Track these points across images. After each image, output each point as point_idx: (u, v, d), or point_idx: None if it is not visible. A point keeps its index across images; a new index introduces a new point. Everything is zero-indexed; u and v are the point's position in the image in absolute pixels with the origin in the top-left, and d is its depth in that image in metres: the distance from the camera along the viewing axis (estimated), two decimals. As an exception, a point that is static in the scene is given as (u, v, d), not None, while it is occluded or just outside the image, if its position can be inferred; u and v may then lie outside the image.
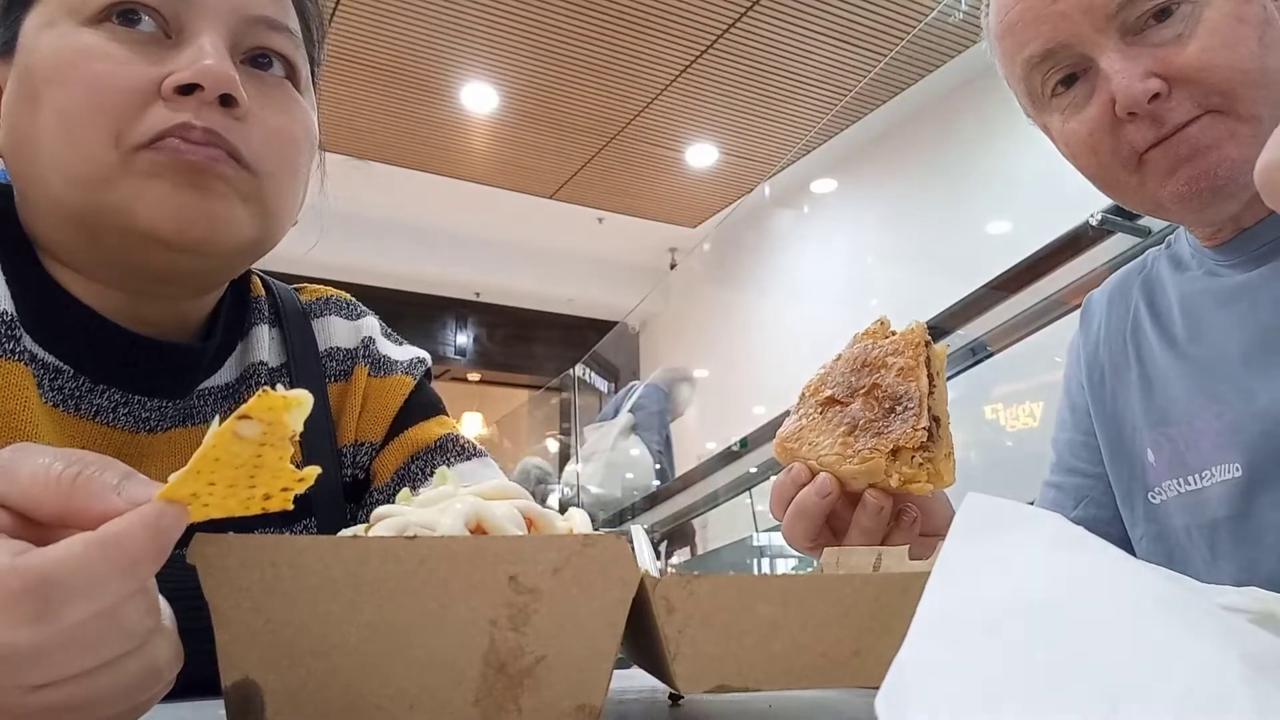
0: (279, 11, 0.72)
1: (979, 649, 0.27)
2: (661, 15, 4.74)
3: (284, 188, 0.73)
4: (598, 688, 0.40)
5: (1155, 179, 0.84)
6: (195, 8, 0.67)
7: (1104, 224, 2.26)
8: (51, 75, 0.65)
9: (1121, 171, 0.86)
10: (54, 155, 0.65)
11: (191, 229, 0.66)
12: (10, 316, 0.66)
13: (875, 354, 0.74)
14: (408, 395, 0.88)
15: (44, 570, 0.32)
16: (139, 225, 0.65)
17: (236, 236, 0.69)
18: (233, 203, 0.68)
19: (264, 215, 0.71)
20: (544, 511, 0.47)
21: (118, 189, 0.65)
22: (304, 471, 0.36)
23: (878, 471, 0.70)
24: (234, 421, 0.34)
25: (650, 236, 7.57)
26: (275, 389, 0.34)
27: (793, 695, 0.54)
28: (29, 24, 0.68)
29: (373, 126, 5.83)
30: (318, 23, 0.80)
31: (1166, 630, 0.27)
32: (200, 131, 0.65)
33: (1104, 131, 0.84)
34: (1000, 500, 0.35)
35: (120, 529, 0.33)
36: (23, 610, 0.32)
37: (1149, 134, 0.81)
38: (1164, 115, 0.80)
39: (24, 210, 0.71)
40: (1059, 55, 0.84)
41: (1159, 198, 0.85)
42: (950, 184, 5.15)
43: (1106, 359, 1.01)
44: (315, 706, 0.38)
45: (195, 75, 0.64)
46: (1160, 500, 0.92)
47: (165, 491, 0.34)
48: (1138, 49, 0.81)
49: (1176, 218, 0.91)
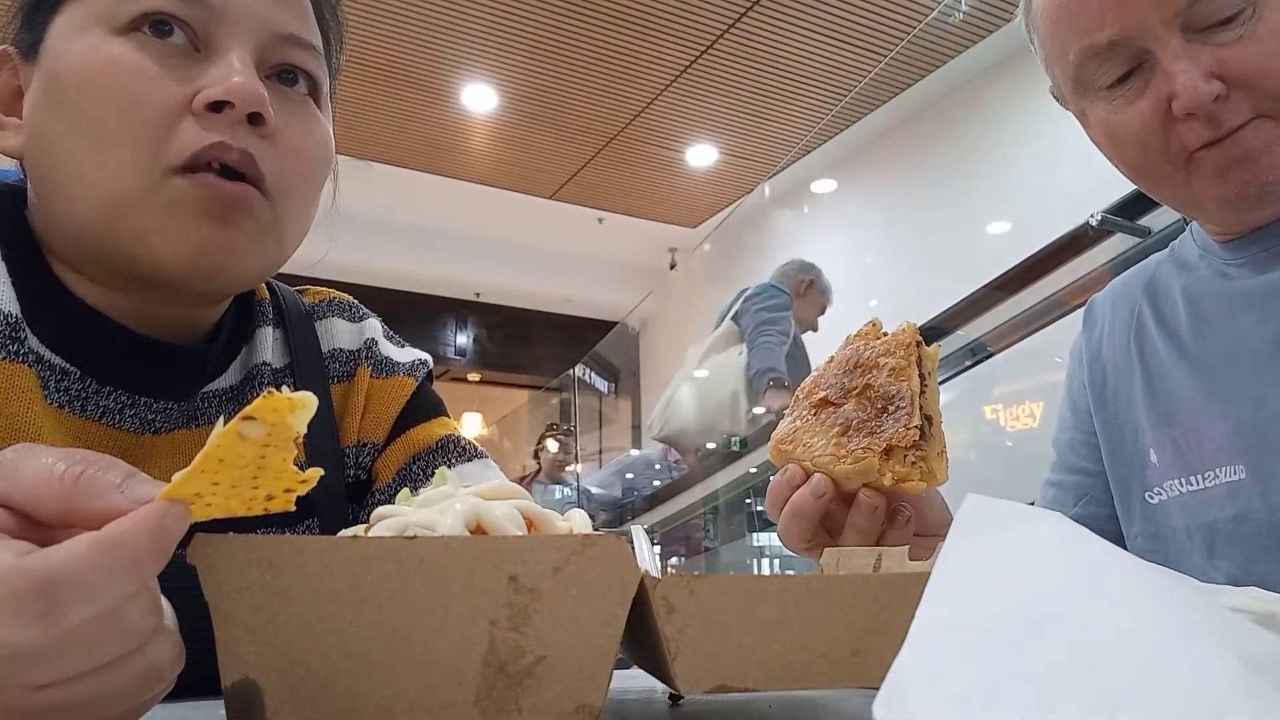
0: (305, 29, 0.73)
1: (979, 650, 0.27)
2: (661, 15, 4.74)
3: (300, 211, 0.73)
4: (598, 688, 0.40)
5: (1202, 179, 0.83)
6: (225, 22, 0.67)
7: (1104, 224, 2.27)
8: (82, 85, 0.65)
9: (1168, 168, 0.85)
10: (82, 171, 0.65)
11: (206, 261, 0.66)
12: (15, 317, 0.66)
13: (867, 355, 0.75)
14: (409, 397, 0.88)
15: (49, 570, 0.32)
16: (154, 255, 0.65)
17: (251, 269, 0.70)
18: (252, 236, 0.68)
19: (279, 242, 0.72)
20: (544, 512, 0.47)
21: (140, 214, 0.65)
22: (307, 473, 0.36)
23: (871, 471, 0.70)
24: (238, 423, 0.34)
25: (650, 236, 7.57)
26: (280, 390, 0.34)
27: (793, 695, 0.54)
28: (57, 28, 0.67)
29: (373, 126, 5.84)
30: (337, 34, 0.80)
31: (1166, 631, 0.27)
32: (237, 154, 0.65)
33: (1156, 128, 0.83)
34: (999, 501, 0.35)
35: (124, 529, 0.33)
36: (28, 610, 0.32)
37: (1203, 134, 0.81)
38: (1220, 117, 0.80)
39: (38, 214, 0.71)
40: (1121, 47, 0.83)
41: (1202, 198, 0.85)
42: (950, 184, 5.16)
43: (1109, 360, 1.02)
44: (315, 706, 0.38)
45: (226, 93, 0.64)
46: (1159, 500, 0.92)
47: (168, 491, 0.34)
48: (1198, 47, 0.80)
49: (1210, 217, 0.91)
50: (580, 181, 6.71)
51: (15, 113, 0.71)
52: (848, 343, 0.78)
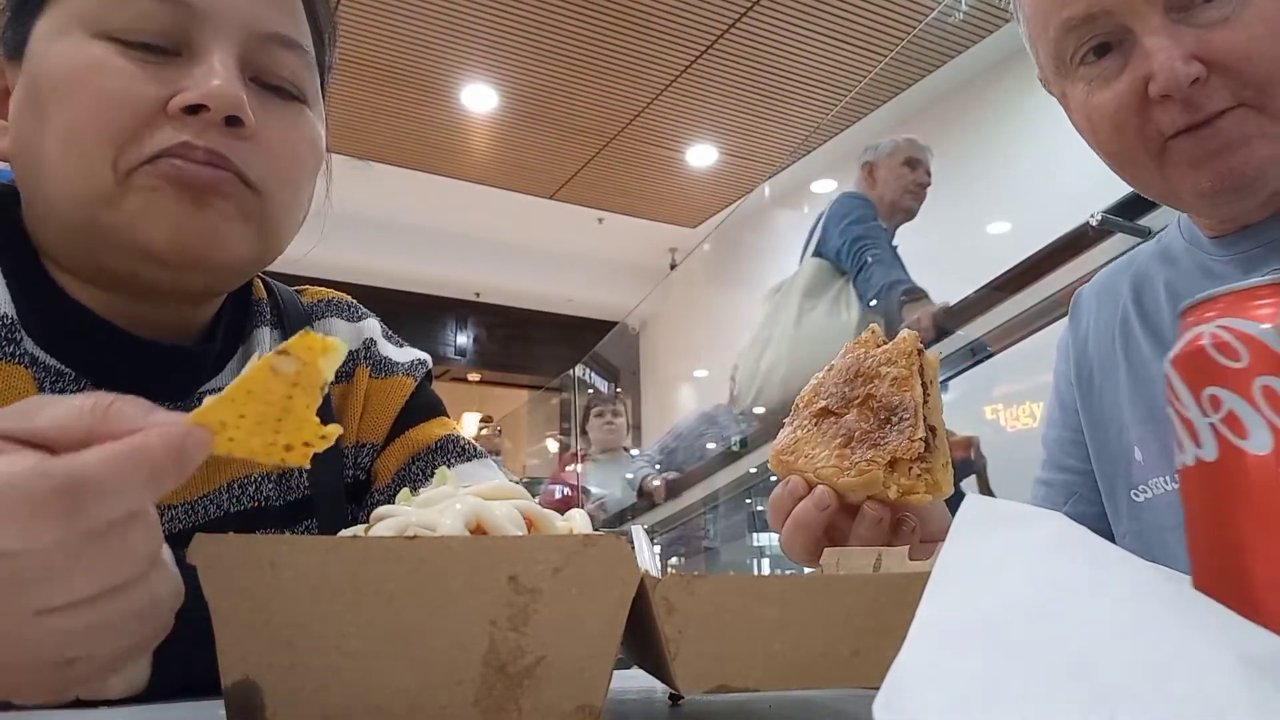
0: (291, 27, 0.72)
1: (978, 651, 0.27)
2: (661, 15, 4.74)
3: (287, 206, 0.73)
4: (598, 688, 0.40)
5: (1178, 169, 0.81)
6: (207, 23, 0.67)
7: (1104, 224, 2.26)
8: (59, 87, 0.65)
9: (1143, 155, 0.82)
10: (56, 170, 0.65)
11: (189, 245, 0.66)
12: (11, 319, 0.66)
13: (868, 364, 0.74)
14: (409, 396, 0.88)
15: (71, 470, 0.34)
16: (137, 241, 0.65)
17: (234, 253, 0.69)
18: (232, 220, 0.68)
19: (264, 233, 0.71)
20: (544, 512, 0.47)
21: (118, 207, 0.64)
22: (327, 429, 0.38)
23: (876, 483, 0.69)
24: (272, 356, 0.36)
25: (650, 236, 7.57)
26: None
27: (793, 695, 0.54)
28: (40, 29, 0.67)
29: (373, 126, 5.84)
30: (330, 29, 0.80)
31: (1166, 631, 0.27)
32: (201, 151, 0.65)
33: (1131, 110, 0.81)
34: (1000, 501, 0.35)
35: (145, 439, 0.35)
36: (51, 509, 0.33)
37: (1179, 119, 0.78)
38: (1199, 101, 0.77)
39: (29, 216, 0.71)
40: (1099, 22, 0.80)
41: (1178, 189, 0.82)
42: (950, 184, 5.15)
43: (1095, 356, 1.01)
44: (315, 706, 0.38)
45: (202, 97, 0.64)
46: (1145, 498, 0.91)
47: (195, 416, 0.36)
48: (1180, 27, 0.77)
49: (1190, 208, 0.88)
50: (580, 181, 6.71)
51: (2, 114, 0.70)
52: (847, 351, 0.77)
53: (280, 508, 0.78)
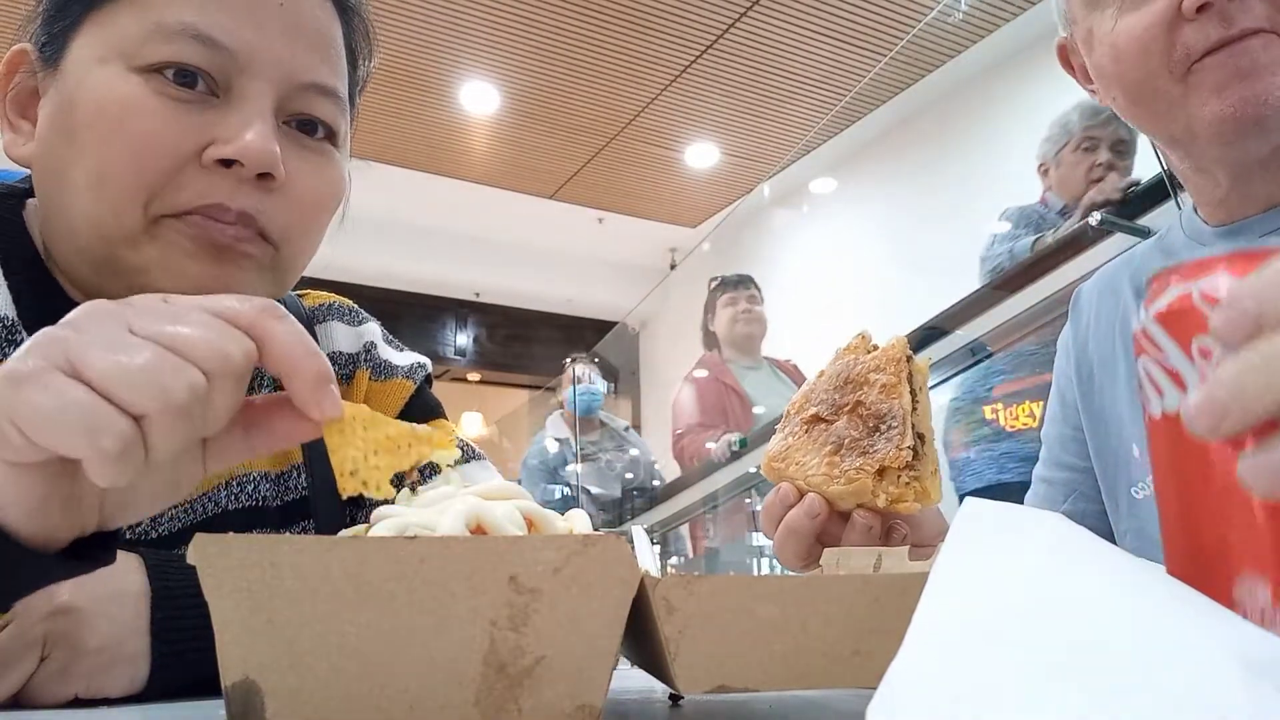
0: (329, 73, 0.72)
1: (976, 652, 0.27)
2: (661, 15, 4.74)
3: (304, 253, 0.74)
4: (598, 688, 0.40)
5: (1200, 94, 0.79)
6: (246, 70, 0.67)
7: (1104, 224, 2.26)
8: (94, 123, 0.65)
9: (1166, 79, 0.81)
10: (83, 201, 0.65)
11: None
12: (11, 321, 0.66)
13: (858, 370, 0.74)
14: (408, 399, 0.89)
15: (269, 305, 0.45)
16: (151, 287, 0.65)
17: None
18: (249, 272, 0.68)
19: (278, 278, 0.72)
20: (544, 512, 0.47)
21: (140, 250, 0.65)
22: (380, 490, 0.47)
23: (864, 492, 0.70)
24: (423, 426, 0.50)
25: (650, 236, 7.56)
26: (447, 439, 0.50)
27: (793, 695, 0.54)
28: (79, 49, 0.67)
29: (373, 126, 5.83)
30: (366, 52, 0.81)
31: (1165, 632, 0.27)
32: (234, 215, 0.66)
33: (1161, 28, 0.79)
34: (998, 503, 0.35)
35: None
36: (253, 304, 0.45)
37: (1212, 33, 0.77)
38: (1233, 15, 0.76)
39: (43, 221, 0.71)
40: None
41: (1200, 115, 0.80)
42: (951, 184, 5.15)
43: (1095, 353, 1.01)
44: (315, 706, 0.38)
45: (237, 152, 0.65)
46: (1144, 495, 0.91)
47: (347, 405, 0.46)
48: None
49: (1206, 142, 0.86)
50: (580, 181, 6.71)
51: (30, 114, 0.70)
52: (838, 356, 0.78)
53: (278, 508, 0.78)
